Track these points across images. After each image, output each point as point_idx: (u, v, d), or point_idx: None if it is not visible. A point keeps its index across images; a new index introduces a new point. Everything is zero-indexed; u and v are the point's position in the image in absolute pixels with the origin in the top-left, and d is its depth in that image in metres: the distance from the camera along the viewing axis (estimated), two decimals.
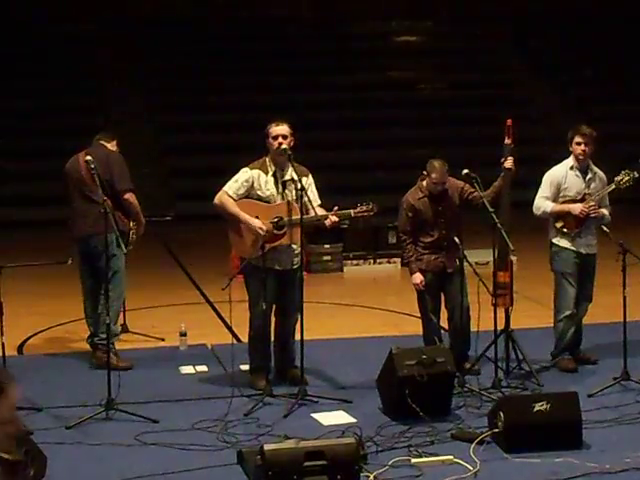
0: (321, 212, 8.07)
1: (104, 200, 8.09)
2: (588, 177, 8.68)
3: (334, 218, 8.02)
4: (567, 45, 23.27)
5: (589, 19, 23.46)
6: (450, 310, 8.62)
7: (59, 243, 9.90)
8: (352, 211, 8.07)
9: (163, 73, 22.01)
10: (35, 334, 10.19)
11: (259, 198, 8.16)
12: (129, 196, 8.84)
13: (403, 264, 12.28)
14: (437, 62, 23.40)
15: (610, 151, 18.54)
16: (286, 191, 8.15)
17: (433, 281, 8.54)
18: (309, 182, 8.25)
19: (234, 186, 8.18)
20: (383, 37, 24.26)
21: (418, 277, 8.51)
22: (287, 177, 8.15)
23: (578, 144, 8.60)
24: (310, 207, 8.05)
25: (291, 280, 8.18)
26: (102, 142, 9.05)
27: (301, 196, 7.83)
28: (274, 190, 8.15)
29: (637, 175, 8.61)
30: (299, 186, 7.87)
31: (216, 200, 8.24)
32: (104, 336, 8.36)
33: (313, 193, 8.26)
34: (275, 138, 8.10)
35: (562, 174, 8.66)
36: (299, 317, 8.07)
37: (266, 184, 8.16)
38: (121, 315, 9.67)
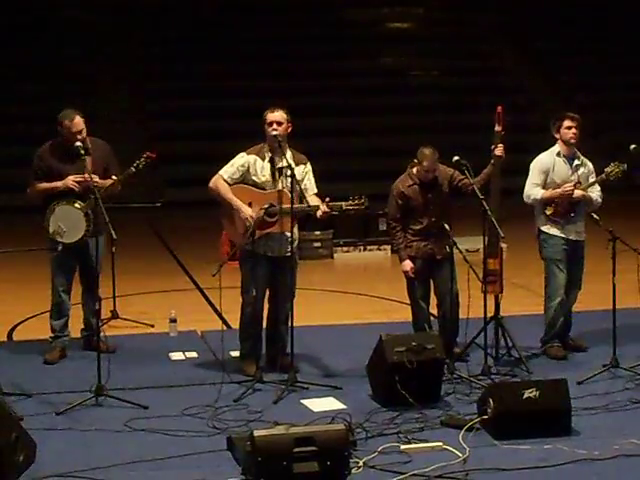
0: (314, 202, 8.06)
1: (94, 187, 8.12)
2: (575, 164, 8.69)
3: (325, 208, 8.00)
4: (558, 33, 23.28)
5: (580, 8, 23.49)
6: (439, 297, 8.61)
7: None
8: (343, 204, 8.04)
9: (152, 59, 21.96)
10: (25, 320, 10.17)
11: (254, 184, 8.15)
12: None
13: (393, 251, 12.29)
14: (429, 49, 23.39)
15: (598, 139, 18.61)
16: (282, 177, 8.14)
17: (422, 268, 8.54)
18: (306, 170, 8.25)
19: (229, 170, 8.18)
20: (375, 24, 24.24)
21: (408, 264, 8.51)
22: (283, 164, 8.14)
23: (569, 128, 8.59)
24: (304, 195, 8.05)
25: (284, 266, 8.14)
26: None
27: (292, 183, 7.82)
28: (270, 176, 8.14)
29: (626, 167, 8.62)
30: (291, 173, 7.85)
31: (211, 184, 8.23)
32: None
33: (310, 181, 8.26)
34: (270, 125, 8.10)
35: (550, 161, 8.66)
36: (292, 304, 8.08)
37: (262, 170, 8.15)
38: (110, 301, 9.68)
